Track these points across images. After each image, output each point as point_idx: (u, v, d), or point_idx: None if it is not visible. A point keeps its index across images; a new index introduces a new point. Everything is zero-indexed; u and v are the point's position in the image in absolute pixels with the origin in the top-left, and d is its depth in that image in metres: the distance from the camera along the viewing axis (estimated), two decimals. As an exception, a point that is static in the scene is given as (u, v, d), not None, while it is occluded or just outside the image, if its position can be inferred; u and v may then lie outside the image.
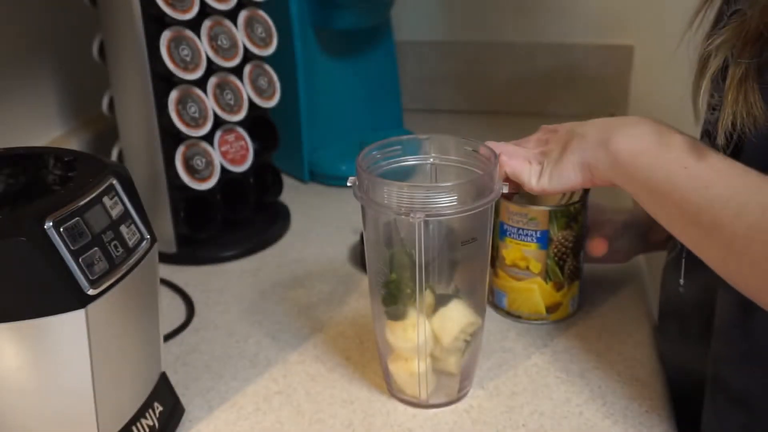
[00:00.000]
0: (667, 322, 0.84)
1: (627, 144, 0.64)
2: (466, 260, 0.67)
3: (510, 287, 0.79)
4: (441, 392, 0.69)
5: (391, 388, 0.70)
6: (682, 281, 0.74)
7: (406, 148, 0.68)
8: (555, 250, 0.76)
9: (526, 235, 0.76)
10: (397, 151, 0.68)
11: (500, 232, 0.78)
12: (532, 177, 0.69)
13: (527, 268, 0.77)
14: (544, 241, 0.76)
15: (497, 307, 0.82)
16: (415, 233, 0.61)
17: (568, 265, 0.78)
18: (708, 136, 0.74)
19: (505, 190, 0.64)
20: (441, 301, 0.66)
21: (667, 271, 0.83)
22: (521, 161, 0.70)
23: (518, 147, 0.72)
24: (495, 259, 0.79)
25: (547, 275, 0.77)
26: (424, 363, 0.66)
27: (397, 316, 0.66)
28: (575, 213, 0.76)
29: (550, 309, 0.79)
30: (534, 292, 0.78)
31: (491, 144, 0.69)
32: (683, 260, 0.73)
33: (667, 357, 0.80)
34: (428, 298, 0.65)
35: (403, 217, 0.61)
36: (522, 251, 0.77)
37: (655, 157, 0.62)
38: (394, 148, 0.68)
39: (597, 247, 0.79)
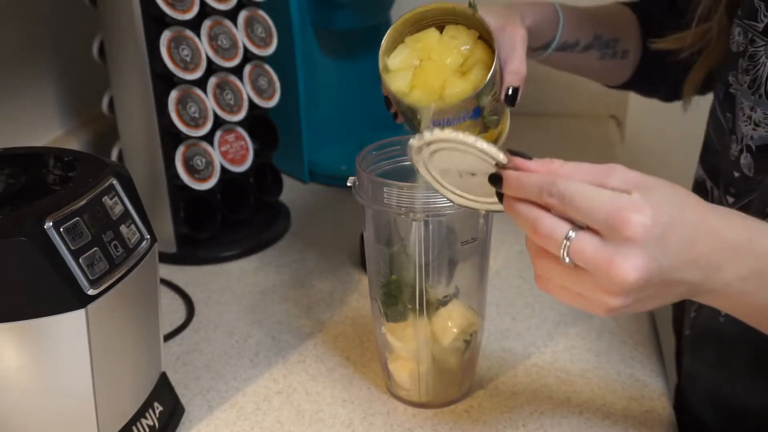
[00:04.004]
0: (704, 346, 0.79)
1: (739, 286, 0.50)
2: (466, 260, 0.67)
3: None
4: (441, 392, 0.69)
5: (391, 388, 0.70)
6: (723, 313, 0.69)
7: (406, 148, 0.68)
8: (488, 110, 0.69)
9: (458, 119, 0.68)
10: (397, 151, 0.68)
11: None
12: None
13: None
14: (477, 113, 0.68)
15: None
16: (415, 233, 0.61)
17: (499, 107, 0.70)
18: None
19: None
20: (441, 301, 0.66)
21: None
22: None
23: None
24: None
25: (485, 128, 0.71)
26: (424, 363, 0.66)
27: (397, 316, 0.66)
28: (494, 74, 0.67)
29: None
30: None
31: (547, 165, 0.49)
32: None
33: (696, 378, 0.78)
34: (428, 298, 0.65)
35: (403, 217, 0.61)
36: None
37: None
38: (394, 148, 0.68)
39: (514, 77, 0.69)
